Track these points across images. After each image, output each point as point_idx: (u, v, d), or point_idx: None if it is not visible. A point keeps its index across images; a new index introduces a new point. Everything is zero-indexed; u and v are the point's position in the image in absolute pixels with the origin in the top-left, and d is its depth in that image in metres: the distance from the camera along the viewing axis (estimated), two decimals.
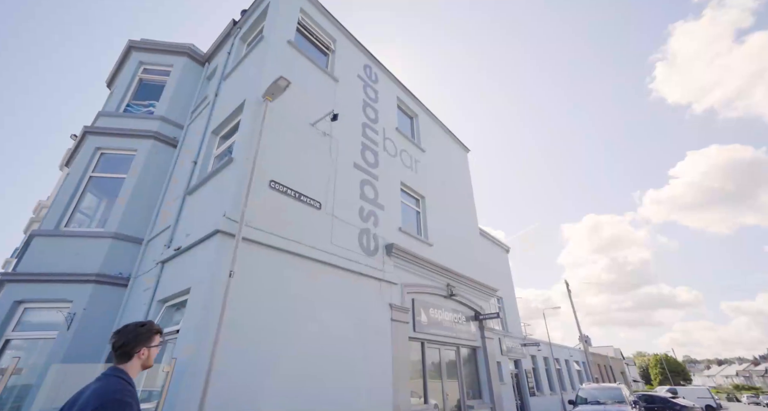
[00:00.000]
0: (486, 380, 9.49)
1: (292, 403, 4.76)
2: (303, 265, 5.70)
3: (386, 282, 7.27)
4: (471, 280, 10.10)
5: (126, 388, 1.72)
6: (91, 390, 1.67)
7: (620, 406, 10.54)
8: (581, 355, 24.97)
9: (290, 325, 5.16)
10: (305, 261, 5.76)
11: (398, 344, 6.94)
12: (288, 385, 4.80)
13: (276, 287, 5.18)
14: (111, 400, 1.59)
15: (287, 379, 4.83)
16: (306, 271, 5.73)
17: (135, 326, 1.93)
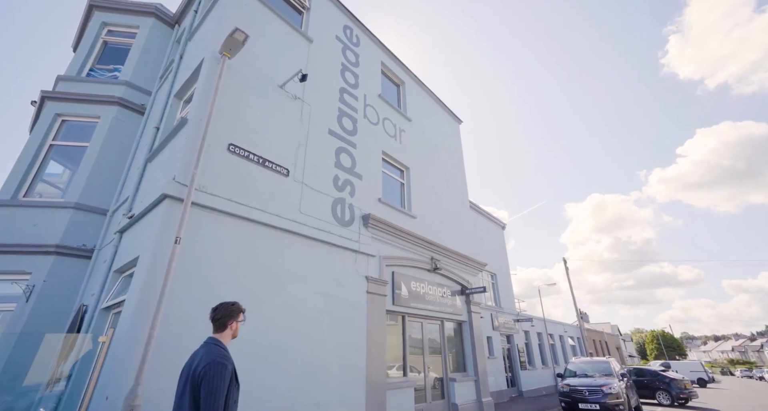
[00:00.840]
0: (471, 354, 9.40)
1: (253, 377, 4.57)
2: (267, 235, 5.41)
3: (362, 254, 7.00)
4: (457, 254, 9.83)
5: (222, 353, 2.28)
6: (201, 354, 2.26)
7: (607, 379, 10.49)
8: (576, 330, 25.12)
9: (253, 296, 4.91)
10: (270, 230, 5.45)
11: (374, 317, 6.74)
12: (248, 359, 4.60)
13: (236, 257, 4.90)
14: (214, 362, 2.16)
15: (247, 352, 4.62)
16: (271, 240, 5.43)
17: (228, 305, 2.55)
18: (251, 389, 4.53)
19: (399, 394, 6.81)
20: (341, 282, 6.38)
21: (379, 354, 6.55)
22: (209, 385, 2.06)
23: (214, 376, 2.10)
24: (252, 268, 5.04)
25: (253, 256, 5.11)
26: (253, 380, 4.58)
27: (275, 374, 4.87)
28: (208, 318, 2.50)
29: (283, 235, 5.64)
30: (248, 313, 4.85)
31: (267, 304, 5.07)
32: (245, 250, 5.04)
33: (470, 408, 8.47)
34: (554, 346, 21.12)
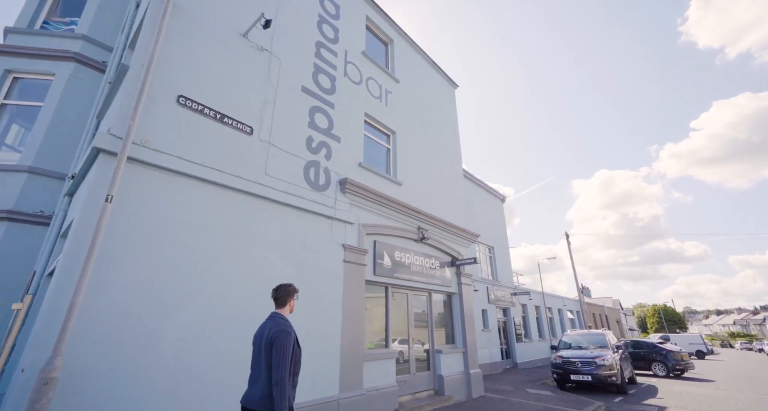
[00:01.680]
0: (460, 326, 9.13)
1: (205, 348, 4.26)
2: (226, 197, 4.95)
3: (339, 221, 6.55)
4: (447, 224, 9.36)
5: (286, 323, 2.84)
6: (269, 326, 2.81)
7: (601, 351, 10.25)
8: (576, 304, 25.02)
9: (208, 262, 4.53)
10: (229, 192, 4.99)
11: (351, 287, 6.39)
12: (199, 329, 4.27)
13: (187, 220, 4.46)
14: (281, 331, 2.71)
15: (199, 322, 4.28)
16: (230, 203, 4.98)
17: (286, 286, 3.15)
18: (209, 355, 4.23)
19: (378, 365, 6.57)
20: (314, 250, 5.97)
21: (356, 325, 6.24)
22: (278, 347, 2.65)
23: (281, 341, 2.67)
24: (208, 232, 4.62)
25: (208, 220, 4.68)
26: (210, 346, 4.28)
27: (235, 341, 4.55)
28: (270, 297, 3.14)
29: (246, 198, 5.18)
30: (197, 283, 4.52)
31: (226, 271, 4.69)
32: (199, 213, 4.60)
33: (457, 379, 8.29)
34: (552, 320, 21.05)
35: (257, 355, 2.78)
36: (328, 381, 5.55)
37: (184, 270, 4.28)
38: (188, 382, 4.00)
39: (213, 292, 4.49)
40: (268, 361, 2.66)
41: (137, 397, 3.60)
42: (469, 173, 16.42)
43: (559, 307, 22.45)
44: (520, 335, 16.49)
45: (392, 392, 6.60)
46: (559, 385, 10.35)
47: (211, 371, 4.23)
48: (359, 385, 5.96)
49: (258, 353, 2.78)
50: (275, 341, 2.66)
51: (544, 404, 7.86)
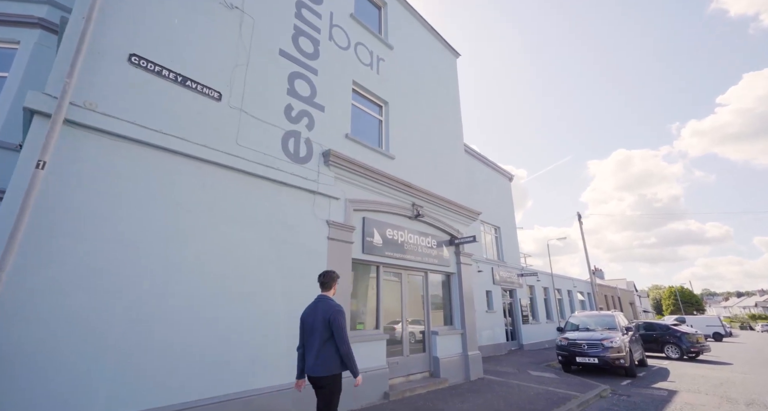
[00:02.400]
0: (458, 307, 8.74)
1: (164, 329, 3.95)
2: (190, 168, 4.54)
3: (323, 195, 6.11)
4: (446, 200, 8.84)
5: (338, 304, 3.41)
6: (321, 307, 3.36)
7: (610, 333, 9.77)
8: (587, 286, 24.40)
9: (169, 238, 4.18)
10: (193, 162, 4.58)
11: (337, 266, 5.99)
12: (159, 311, 3.95)
13: (144, 192, 4.09)
14: (338, 311, 3.29)
15: (158, 303, 3.96)
16: (196, 175, 4.58)
17: (331, 273, 3.68)
18: (170, 338, 3.93)
19: (366, 346, 6.25)
20: (294, 226, 5.58)
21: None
22: (339, 324, 3.14)
23: (339, 320, 3.16)
24: (169, 206, 4.25)
25: (170, 192, 4.29)
26: (172, 329, 3.98)
27: (204, 323, 4.25)
28: (317, 281, 3.71)
29: (214, 169, 4.77)
30: (164, 257, 4.19)
31: (191, 248, 4.34)
32: (159, 185, 4.22)
33: (454, 361, 7.96)
34: (561, 301, 20.56)
35: (310, 331, 3.29)
36: None
37: (139, 246, 3.93)
38: (142, 364, 3.71)
39: (176, 270, 4.15)
40: (325, 336, 3.19)
41: (82, 379, 3.32)
42: (473, 150, 15.70)
43: (569, 288, 21.90)
44: (526, 317, 16.10)
45: (382, 374, 6.30)
46: (564, 367, 9.97)
47: (168, 355, 3.93)
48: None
49: (311, 329, 3.28)
50: (334, 320, 3.19)
51: (545, 387, 7.48)
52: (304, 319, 3.42)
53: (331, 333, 3.18)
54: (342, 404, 5.44)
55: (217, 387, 4.21)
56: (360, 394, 5.82)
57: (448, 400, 6.20)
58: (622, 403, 6.62)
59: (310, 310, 3.42)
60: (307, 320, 3.37)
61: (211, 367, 4.21)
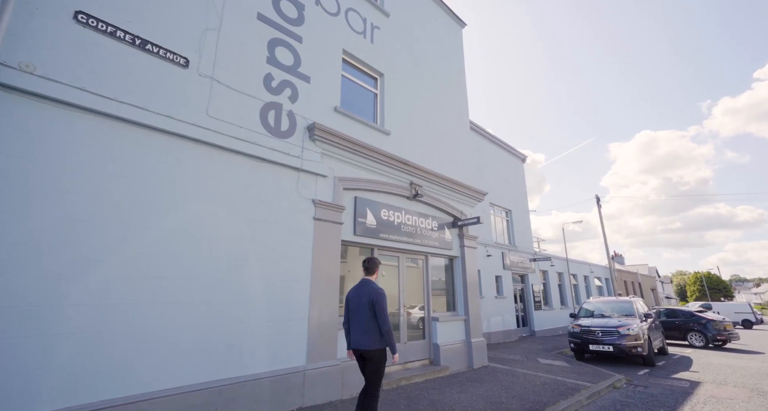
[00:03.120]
0: (462, 292, 8.28)
1: (128, 317, 3.66)
2: (152, 141, 4.17)
3: (308, 173, 5.68)
4: (448, 180, 8.28)
5: (380, 287, 3.74)
6: (366, 289, 3.72)
7: (626, 319, 9.13)
8: (605, 271, 23.45)
9: (129, 215, 3.85)
10: (156, 134, 4.20)
11: (324, 248, 5.61)
12: (121, 294, 3.64)
13: (94, 164, 3.74)
14: (381, 294, 3.64)
15: (121, 286, 3.65)
16: (159, 148, 4.21)
17: (375, 259, 4.01)
18: (134, 324, 3.64)
19: None
20: (275, 205, 5.18)
21: (328, 290, 5.52)
22: (381, 305, 3.58)
23: (382, 302, 3.60)
24: (125, 181, 3.89)
25: (129, 167, 3.94)
26: (136, 314, 3.68)
27: (171, 308, 3.94)
28: (362, 266, 4.00)
29: (181, 142, 4.38)
30: (122, 237, 3.86)
31: (155, 226, 4.00)
32: (112, 158, 3.86)
33: (456, 349, 7.55)
34: (577, 287, 19.80)
35: (356, 310, 3.70)
36: (293, 350, 4.93)
37: (93, 225, 3.60)
38: (99, 351, 3.43)
39: (136, 250, 3.83)
40: (370, 314, 3.61)
41: (21, 367, 3.05)
42: (482, 129, 14.90)
43: (585, 273, 21.06)
44: (539, 303, 15.51)
45: None
46: (577, 355, 9.44)
47: (130, 342, 3.64)
48: (332, 355, 5.33)
49: (357, 308, 3.70)
50: (377, 303, 3.58)
51: (552, 376, 7.00)
52: (349, 298, 3.86)
53: (375, 312, 3.58)
54: (330, 393, 5.16)
55: (185, 376, 3.92)
56: (351, 382, 5.50)
57: (445, 390, 5.81)
58: (638, 395, 6.08)
59: (354, 292, 3.84)
60: (353, 300, 3.80)
61: (178, 355, 3.92)
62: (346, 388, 5.39)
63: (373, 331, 3.57)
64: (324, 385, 5.06)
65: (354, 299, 3.79)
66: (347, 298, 3.90)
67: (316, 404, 4.88)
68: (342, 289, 5.93)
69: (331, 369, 5.20)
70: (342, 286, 5.97)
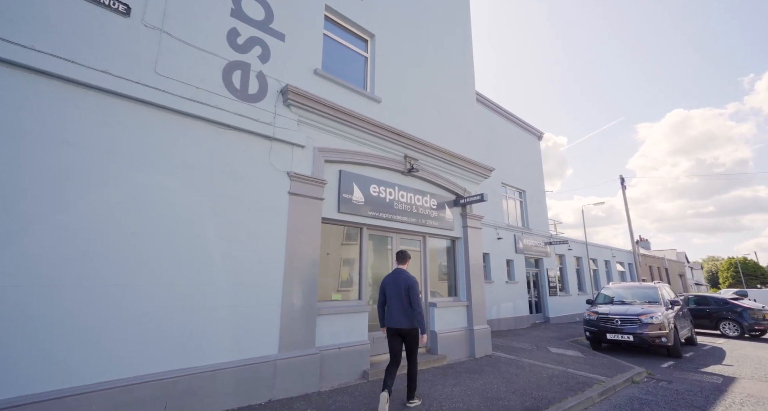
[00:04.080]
0: (464, 275, 7.61)
1: (56, 299, 3.21)
2: (89, 100, 3.63)
3: (282, 142, 5.08)
4: (450, 154, 7.51)
5: (412, 275, 4.40)
6: (403, 277, 4.32)
7: (650, 307, 8.26)
8: (628, 256, 22.14)
9: (55, 183, 3.35)
10: (92, 93, 3.66)
11: (300, 226, 5.04)
12: (42, 272, 3.19)
13: (22, 127, 3.24)
14: (414, 281, 4.28)
15: (45, 263, 3.20)
16: (98, 109, 3.67)
17: (407, 252, 4.66)
18: (64, 306, 3.19)
19: (343, 320, 5.37)
20: (242, 177, 4.62)
21: (306, 272, 4.98)
22: (414, 291, 4.22)
23: (415, 287, 4.26)
24: (52, 145, 3.39)
25: (53, 128, 3.42)
26: (63, 296, 3.23)
27: (115, 292, 3.48)
28: (396, 257, 4.68)
29: (122, 103, 3.83)
30: (55, 208, 3.38)
31: (93, 199, 3.51)
32: (35, 117, 3.35)
33: (456, 337, 6.95)
34: (597, 272, 18.73)
35: (393, 294, 4.27)
36: (262, 338, 4.44)
37: (21, 196, 3.13)
38: (25, 338, 3.00)
39: (73, 226, 3.35)
40: (406, 298, 4.20)
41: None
42: (494, 104, 13.84)
43: (606, 258, 19.88)
44: (554, 288, 14.65)
45: (361, 351, 5.43)
46: (593, 344, 8.68)
47: (64, 329, 3.20)
48: (309, 343, 4.82)
49: (394, 293, 4.27)
50: (411, 288, 4.22)
51: (562, 368, 6.32)
52: (385, 284, 4.43)
53: (409, 297, 4.19)
54: (306, 385, 4.67)
55: (129, 367, 3.48)
56: (333, 372, 5.02)
57: (438, 382, 5.24)
58: (660, 391, 5.34)
59: (391, 279, 4.42)
60: (389, 286, 4.37)
61: (121, 343, 3.47)
62: (326, 379, 4.91)
63: (408, 313, 4.19)
64: (299, 376, 4.58)
65: (391, 285, 4.37)
66: (384, 283, 4.47)
67: (288, 397, 4.41)
68: (338, 271, 5.39)
69: (307, 359, 4.70)
70: (341, 270, 5.42)
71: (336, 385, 4.98)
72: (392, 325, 4.25)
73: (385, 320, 4.37)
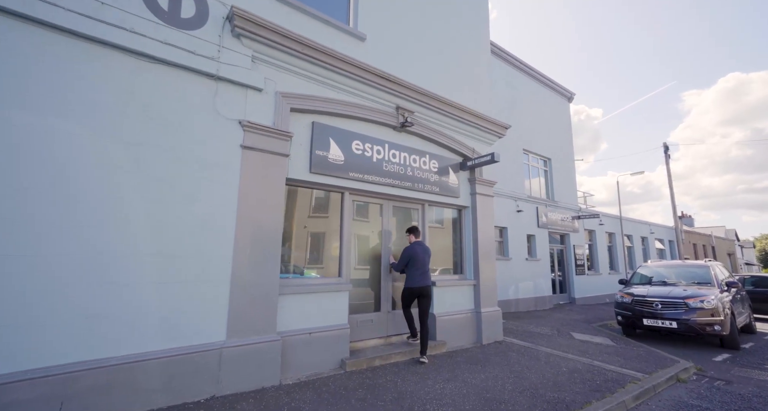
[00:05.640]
0: (471, 250, 6.53)
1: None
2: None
3: (231, 82, 4.08)
4: (454, 106, 6.27)
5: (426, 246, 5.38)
6: (423, 247, 5.15)
7: (700, 288, 6.90)
8: (669, 232, 20.05)
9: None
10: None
11: (257, 188, 4.11)
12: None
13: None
14: (429, 250, 5.26)
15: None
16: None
17: (418, 227, 5.48)
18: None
19: (316, 300, 4.49)
20: (176, 124, 3.69)
21: (266, 241, 4.08)
22: (429, 258, 5.16)
23: (430, 255, 5.23)
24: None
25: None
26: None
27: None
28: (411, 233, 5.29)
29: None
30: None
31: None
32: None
33: (459, 321, 5.97)
34: (632, 250, 17.01)
35: (423, 261, 4.99)
36: (204, 321, 3.63)
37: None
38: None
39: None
40: (428, 263, 5.05)
41: None
42: (516, 58, 12.13)
43: (643, 234, 18.01)
44: (582, 266, 13.25)
45: (338, 336, 4.57)
46: (625, 330, 7.48)
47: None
48: (269, 328, 3.98)
49: (423, 260, 4.99)
50: (430, 254, 5.21)
51: (588, 360, 5.23)
52: (416, 252, 4.99)
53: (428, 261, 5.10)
54: (264, 377, 3.81)
55: (12, 360, 2.74)
56: (301, 362, 4.20)
57: (429, 376, 4.32)
58: (718, 396, 4.17)
59: (420, 248, 5.08)
60: (417, 254, 4.98)
61: (3, 331, 2.72)
62: (291, 370, 4.10)
63: (427, 273, 5.02)
64: (254, 367, 3.77)
65: (420, 253, 4.99)
66: (415, 251, 4.99)
67: (237, 393, 3.62)
68: (316, 244, 4.50)
69: (265, 346, 3.87)
70: (319, 243, 4.52)
71: (304, 376, 4.16)
72: (418, 284, 4.91)
73: (415, 282, 4.91)
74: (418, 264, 4.93)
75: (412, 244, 5.14)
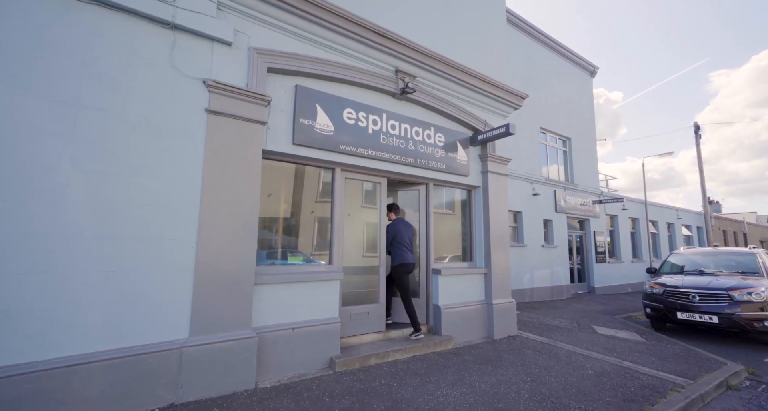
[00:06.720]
0: (482, 236, 5.83)
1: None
2: None
3: (191, 33, 3.41)
4: (464, 70, 5.48)
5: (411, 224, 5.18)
6: (409, 224, 5.01)
7: (746, 279, 6.07)
8: (696, 218, 18.82)
9: None
10: None
11: (227, 159, 3.48)
12: None
13: None
14: (411, 225, 5.11)
15: None
16: None
17: (398, 205, 5.22)
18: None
19: (301, 291, 3.90)
20: (123, 83, 3.06)
21: (238, 222, 3.48)
22: (414, 236, 5.06)
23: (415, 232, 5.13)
24: None
25: None
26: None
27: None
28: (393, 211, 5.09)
29: None
30: None
31: None
32: None
33: (468, 313, 5.33)
34: (657, 237, 15.98)
35: (406, 237, 4.85)
36: (162, 317, 3.07)
37: None
38: None
39: None
40: (414, 240, 5.04)
41: None
42: (535, 28, 11.06)
43: (669, 220, 16.90)
44: (602, 254, 12.38)
45: (327, 332, 3.99)
46: (654, 324, 6.73)
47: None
48: (242, 323, 3.42)
49: (410, 237, 4.89)
50: (415, 232, 5.13)
51: (617, 360, 4.54)
52: (400, 229, 4.88)
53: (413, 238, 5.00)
54: (235, 381, 3.27)
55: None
56: (282, 362, 3.64)
57: (430, 378, 3.71)
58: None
59: (403, 225, 4.94)
60: (405, 231, 4.89)
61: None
62: (269, 371, 3.54)
63: (413, 250, 4.98)
64: (222, 368, 3.22)
65: (402, 229, 4.86)
66: (398, 229, 4.85)
67: (202, 399, 3.08)
68: (307, 229, 3.89)
69: (236, 344, 3.31)
70: (309, 227, 3.91)
71: (285, 378, 3.60)
72: (412, 260, 4.81)
73: (405, 258, 4.77)
74: (404, 240, 4.82)
75: (393, 221, 4.99)
